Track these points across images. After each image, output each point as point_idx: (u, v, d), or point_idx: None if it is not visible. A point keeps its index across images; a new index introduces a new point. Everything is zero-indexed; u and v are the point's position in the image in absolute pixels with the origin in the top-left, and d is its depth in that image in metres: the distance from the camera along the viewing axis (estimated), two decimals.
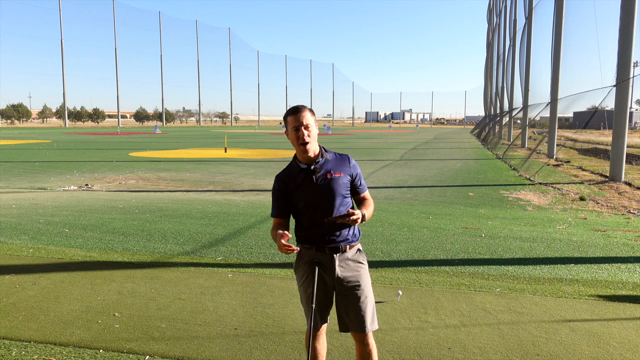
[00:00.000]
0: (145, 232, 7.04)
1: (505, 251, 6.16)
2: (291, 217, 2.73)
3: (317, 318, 2.64)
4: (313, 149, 2.60)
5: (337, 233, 2.61)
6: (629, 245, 6.49)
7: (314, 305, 2.49)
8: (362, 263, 2.70)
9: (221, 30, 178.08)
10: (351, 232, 2.66)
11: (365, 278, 2.68)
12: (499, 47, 46.59)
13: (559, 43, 20.34)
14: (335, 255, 2.62)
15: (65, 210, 8.64)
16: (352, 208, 2.69)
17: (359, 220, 2.51)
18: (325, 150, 2.69)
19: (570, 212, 8.97)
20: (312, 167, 2.60)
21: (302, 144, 2.55)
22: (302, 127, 2.55)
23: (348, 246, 2.65)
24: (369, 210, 2.67)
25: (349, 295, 2.63)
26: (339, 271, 2.62)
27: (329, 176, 2.60)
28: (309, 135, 2.56)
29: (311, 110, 2.63)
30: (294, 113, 2.57)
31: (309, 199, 2.59)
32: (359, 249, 2.72)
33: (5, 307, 4.25)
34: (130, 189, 12.09)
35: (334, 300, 2.71)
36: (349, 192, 2.68)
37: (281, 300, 4.44)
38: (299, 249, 2.50)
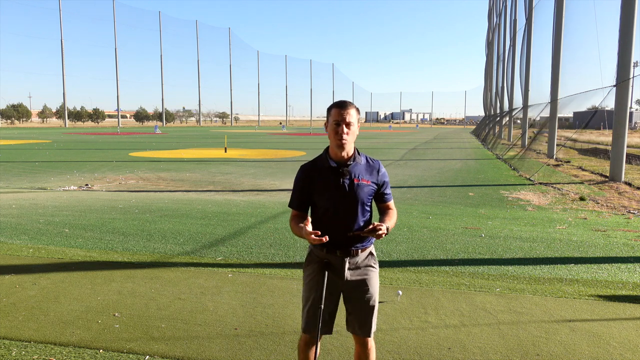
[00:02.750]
0: (145, 232, 7.04)
1: (505, 251, 6.16)
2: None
3: (318, 323, 2.58)
4: (348, 148, 2.53)
5: (351, 237, 2.55)
6: (629, 245, 6.49)
7: (322, 306, 2.43)
8: (372, 267, 2.65)
9: (221, 30, 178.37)
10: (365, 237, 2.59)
11: (374, 283, 2.64)
12: (499, 47, 46.60)
13: (559, 43, 20.34)
14: (346, 258, 2.56)
15: (65, 210, 8.64)
16: (371, 216, 2.62)
17: (384, 235, 2.45)
18: (359, 153, 2.61)
19: (570, 212, 8.97)
20: (342, 169, 2.53)
21: (339, 139, 2.48)
22: (344, 124, 2.48)
23: (360, 250, 2.59)
24: (392, 221, 2.61)
25: (356, 299, 2.61)
26: (348, 275, 2.57)
27: (356, 181, 2.53)
28: (348, 134, 2.49)
29: (357, 109, 2.56)
30: (340, 107, 2.50)
31: (330, 200, 2.52)
32: (371, 252, 2.67)
33: (5, 307, 4.25)
34: (130, 189, 12.09)
35: (337, 305, 2.67)
36: (371, 200, 2.62)
37: (281, 300, 4.44)
38: (327, 238, 2.40)
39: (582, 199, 10.40)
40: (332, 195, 2.52)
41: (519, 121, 37.31)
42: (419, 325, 3.93)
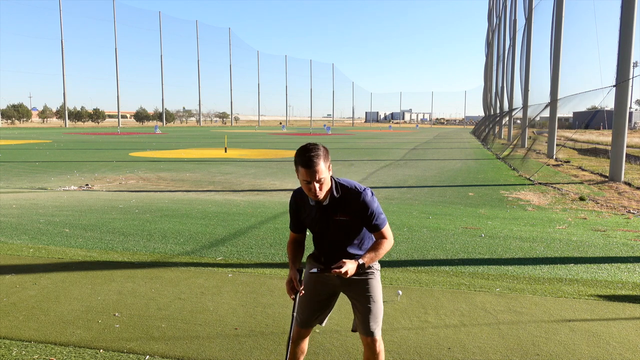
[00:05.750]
0: (145, 232, 7.05)
1: (505, 251, 6.17)
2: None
3: (299, 323, 2.71)
4: (323, 194, 2.45)
5: (345, 259, 2.51)
6: (628, 245, 6.50)
7: (294, 314, 2.49)
8: (371, 271, 2.66)
9: (221, 30, 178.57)
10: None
11: (374, 284, 2.65)
12: (499, 47, 46.60)
13: (559, 43, 20.35)
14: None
15: (66, 210, 8.64)
16: (362, 240, 2.62)
17: (348, 274, 2.36)
18: (336, 188, 2.49)
19: (570, 212, 8.97)
20: (319, 206, 2.52)
21: (313, 195, 2.42)
22: (314, 181, 2.36)
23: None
24: (377, 252, 2.48)
25: (356, 299, 2.66)
26: (345, 280, 2.61)
27: (335, 218, 2.51)
28: (320, 189, 2.39)
29: (325, 155, 2.38)
30: (306, 167, 2.32)
31: (316, 231, 2.63)
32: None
33: (5, 307, 4.25)
34: (130, 189, 12.10)
35: (331, 304, 2.76)
36: (357, 230, 2.56)
37: (281, 300, 4.44)
38: (303, 292, 2.53)
39: (581, 199, 10.40)
40: (317, 228, 2.61)
41: (518, 121, 37.33)
42: (419, 325, 3.93)
